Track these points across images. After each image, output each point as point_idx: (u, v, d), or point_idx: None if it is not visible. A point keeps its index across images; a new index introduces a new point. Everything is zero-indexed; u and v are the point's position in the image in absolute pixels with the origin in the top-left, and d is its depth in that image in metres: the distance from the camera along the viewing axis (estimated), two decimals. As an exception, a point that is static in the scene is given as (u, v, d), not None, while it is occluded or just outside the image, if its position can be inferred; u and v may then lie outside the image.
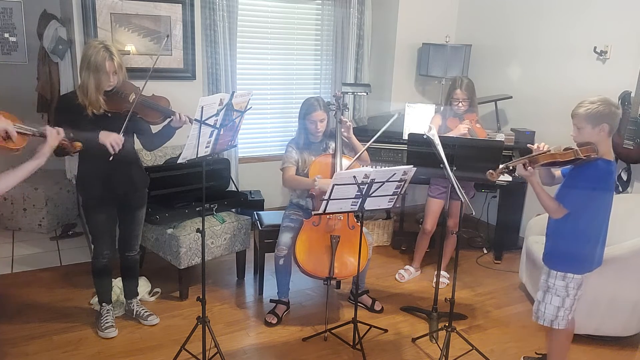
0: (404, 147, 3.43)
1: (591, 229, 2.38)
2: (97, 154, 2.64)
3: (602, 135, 2.26)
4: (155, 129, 2.86)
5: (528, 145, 2.43)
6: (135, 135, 2.84)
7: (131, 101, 2.61)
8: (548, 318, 2.48)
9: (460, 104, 3.45)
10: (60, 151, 2.30)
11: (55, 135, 2.18)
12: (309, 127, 3.18)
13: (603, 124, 2.24)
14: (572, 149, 2.21)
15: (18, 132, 2.03)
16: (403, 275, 3.80)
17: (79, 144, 2.36)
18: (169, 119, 2.73)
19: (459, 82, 3.46)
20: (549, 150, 2.26)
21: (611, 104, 2.27)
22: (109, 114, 2.60)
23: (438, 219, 3.66)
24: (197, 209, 3.38)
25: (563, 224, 2.37)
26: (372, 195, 2.57)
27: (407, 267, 3.87)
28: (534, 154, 2.30)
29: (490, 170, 2.36)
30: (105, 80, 2.57)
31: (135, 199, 2.92)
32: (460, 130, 3.38)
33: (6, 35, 4.65)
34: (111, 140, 2.53)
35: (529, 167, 2.28)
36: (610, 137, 2.29)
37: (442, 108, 3.66)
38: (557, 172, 2.50)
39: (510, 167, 2.34)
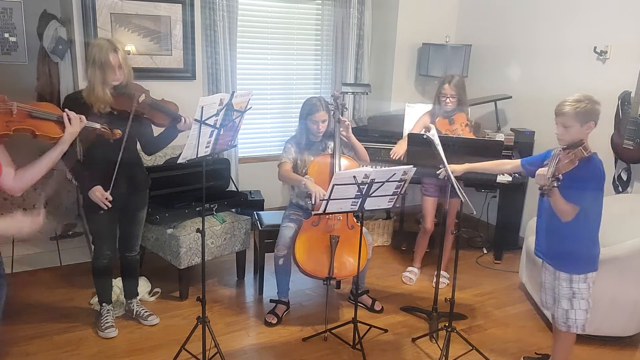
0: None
1: (598, 223, 2.41)
2: (99, 155, 2.66)
3: (588, 133, 2.29)
4: (155, 132, 2.88)
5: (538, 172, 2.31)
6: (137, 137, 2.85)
7: (140, 102, 2.61)
8: (580, 324, 2.48)
9: (448, 100, 3.41)
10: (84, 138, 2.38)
11: (77, 122, 2.19)
12: (310, 127, 3.18)
13: (590, 122, 2.27)
14: (574, 149, 2.22)
15: (38, 118, 2.07)
16: (411, 278, 3.77)
17: (118, 132, 2.43)
18: (175, 122, 2.74)
19: (449, 78, 3.44)
20: (560, 159, 2.20)
21: (595, 101, 2.29)
22: (115, 112, 2.61)
23: (435, 216, 3.66)
24: (197, 209, 3.38)
25: (575, 226, 2.34)
26: (372, 195, 2.57)
27: (410, 268, 3.85)
28: (557, 164, 2.17)
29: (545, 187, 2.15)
30: (111, 74, 2.57)
31: (137, 200, 2.92)
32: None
33: (6, 35, 4.64)
34: (94, 198, 2.66)
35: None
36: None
37: (432, 107, 3.63)
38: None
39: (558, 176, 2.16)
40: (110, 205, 2.66)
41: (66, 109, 2.19)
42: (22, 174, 2.02)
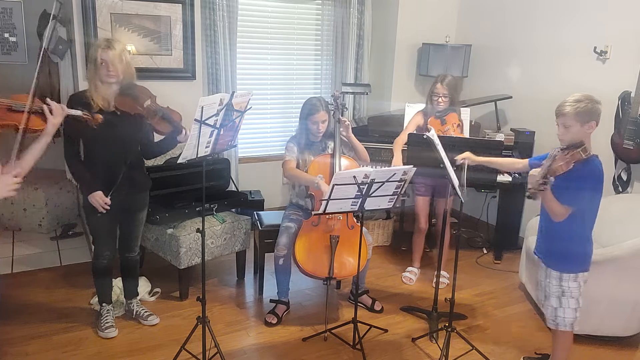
0: (404, 147, 3.43)
1: (593, 224, 2.41)
2: (101, 156, 2.66)
3: (589, 133, 2.29)
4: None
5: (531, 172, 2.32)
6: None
7: (145, 106, 2.60)
8: (569, 322, 2.48)
9: (440, 100, 3.43)
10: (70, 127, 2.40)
11: (59, 112, 2.18)
12: (310, 127, 3.17)
13: (592, 122, 2.26)
14: (571, 150, 2.20)
15: (19, 111, 2.05)
16: (411, 278, 3.77)
17: (99, 116, 2.42)
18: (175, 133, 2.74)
19: (441, 78, 3.47)
20: (554, 160, 2.20)
21: (595, 100, 2.28)
22: (118, 112, 2.61)
23: (433, 216, 3.66)
24: (197, 209, 3.39)
25: (572, 226, 2.35)
26: (372, 195, 2.57)
27: (410, 268, 3.85)
28: (551, 166, 2.18)
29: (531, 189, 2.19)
30: (102, 70, 2.58)
31: (137, 201, 2.92)
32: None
33: (6, 35, 4.65)
34: (93, 202, 2.68)
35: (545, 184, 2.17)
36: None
37: (424, 107, 3.63)
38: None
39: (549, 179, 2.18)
40: (108, 209, 2.67)
41: (47, 99, 2.18)
42: (9, 170, 2.00)
